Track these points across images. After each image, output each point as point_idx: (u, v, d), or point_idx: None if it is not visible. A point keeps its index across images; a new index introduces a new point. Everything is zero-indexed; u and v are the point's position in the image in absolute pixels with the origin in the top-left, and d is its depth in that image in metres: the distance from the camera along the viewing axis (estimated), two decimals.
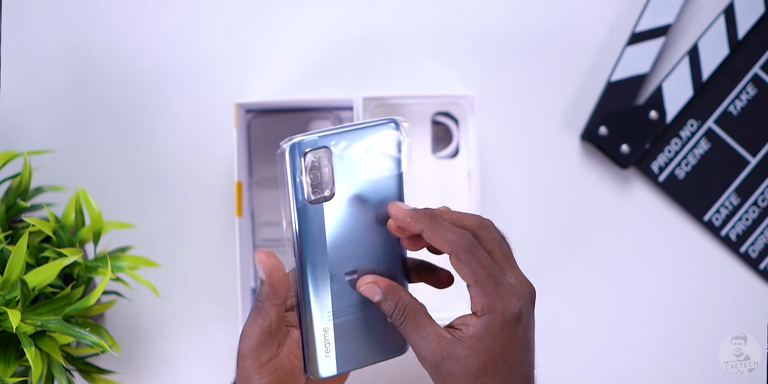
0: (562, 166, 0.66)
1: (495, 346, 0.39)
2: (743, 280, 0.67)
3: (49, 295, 0.52)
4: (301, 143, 0.39)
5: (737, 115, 0.66)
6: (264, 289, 0.40)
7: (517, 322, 0.39)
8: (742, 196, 0.66)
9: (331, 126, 0.63)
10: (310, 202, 0.40)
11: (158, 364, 0.65)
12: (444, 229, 0.39)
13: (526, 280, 0.41)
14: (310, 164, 0.39)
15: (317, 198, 0.40)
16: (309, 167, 0.39)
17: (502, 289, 0.39)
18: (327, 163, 0.39)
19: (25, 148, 0.61)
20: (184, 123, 0.66)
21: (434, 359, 0.40)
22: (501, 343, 0.39)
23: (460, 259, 0.39)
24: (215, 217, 0.65)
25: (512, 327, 0.39)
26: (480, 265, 0.39)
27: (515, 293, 0.39)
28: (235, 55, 0.66)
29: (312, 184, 0.39)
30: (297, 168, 0.39)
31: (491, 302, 0.39)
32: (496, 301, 0.39)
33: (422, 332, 0.40)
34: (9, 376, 0.49)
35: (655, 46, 0.65)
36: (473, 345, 0.39)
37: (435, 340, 0.40)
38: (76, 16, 0.66)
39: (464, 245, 0.39)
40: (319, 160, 0.39)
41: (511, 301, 0.39)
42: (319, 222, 0.40)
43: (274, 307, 0.40)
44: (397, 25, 0.67)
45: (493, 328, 0.39)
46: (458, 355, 0.39)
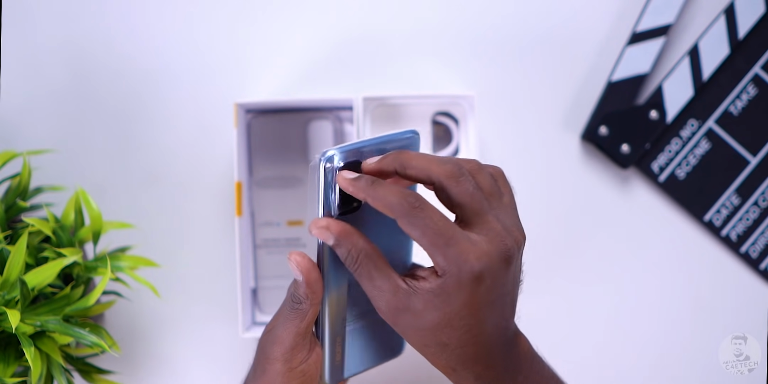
0: (562, 166, 0.66)
1: (451, 304, 0.37)
2: (743, 280, 0.67)
3: (49, 295, 0.52)
4: (339, 156, 0.38)
5: (738, 115, 0.66)
6: (302, 290, 0.39)
7: (477, 283, 0.36)
8: (742, 196, 0.66)
9: (330, 126, 0.63)
10: (339, 214, 0.39)
11: (158, 364, 0.65)
12: (384, 193, 0.37)
13: (503, 236, 0.37)
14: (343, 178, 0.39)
15: (345, 210, 0.39)
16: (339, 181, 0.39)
17: (455, 250, 0.36)
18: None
19: (24, 148, 0.61)
20: (184, 123, 0.66)
21: (390, 311, 0.38)
22: (458, 302, 0.36)
23: (405, 223, 0.36)
24: (215, 217, 0.65)
25: (470, 287, 0.36)
26: (426, 227, 0.36)
27: (475, 252, 0.36)
28: (235, 55, 0.66)
29: (341, 198, 0.39)
30: (329, 183, 0.38)
31: (445, 264, 0.36)
32: (450, 262, 0.36)
33: (377, 282, 0.38)
34: (8, 377, 0.49)
35: (656, 45, 0.65)
36: (429, 299, 0.37)
37: (390, 291, 0.37)
38: (76, 16, 0.66)
39: (406, 209, 0.36)
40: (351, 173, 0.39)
41: (467, 261, 0.36)
42: None
43: (313, 308, 0.40)
44: (397, 25, 0.66)
45: (449, 287, 0.36)
46: (414, 308, 0.37)
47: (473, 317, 0.37)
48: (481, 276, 0.36)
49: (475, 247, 0.36)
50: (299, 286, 0.39)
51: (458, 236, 0.36)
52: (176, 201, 0.65)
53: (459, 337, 0.38)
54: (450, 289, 0.36)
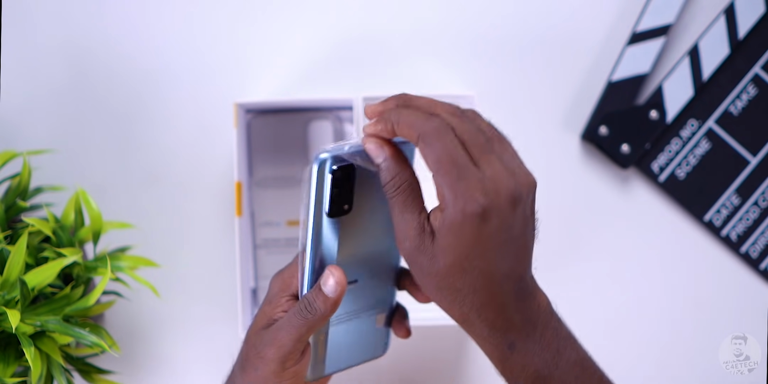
0: (562, 166, 0.66)
1: (459, 244, 0.36)
2: (743, 280, 0.67)
3: (49, 295, 0.52)
4: (331, 160, 0.38)
5: (738, 115, 0.66)
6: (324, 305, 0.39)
7: (483, 221, 0.35)
8: (742, 196, 0.66)
9: (330, 126, 0.63)
10: (329, 215, 0.39)
11: (158, 364, 0.65)
12: (410, 115, 0.36)
13: (505, 176, 0.36)
14: (337, 180, 0.39)
15: (336, 212, 0.39)
16: (333, 183, 0.39)
17: (464, 184, 0.35)
18: (350, 179, 0.39)
19: (24, 148, 0.61)
20: (184, 123, 0.66)
21: (409, 247, 0.37)
22: (465, 241, 0.36)
23: (425, 142, 0.35)
24: (215, 217, 0.65)
25: (476, 225, 0.35)
26: (444, 151, 0.35)
27: (482, 189, 0.35)
28: (235, 55, 0.66)
29: (333, 199, 0.39)
30: (323, 183, 0.39)
31: (450, 196, 0.35)
32: (456, 195, 0.35)
33: (407, 215, 0.37)
34: (8, 377, 0.49)
35: (656, 45, 0.65)
36: (439, 241, 0.36)
37: (417, 228, 0.37)
38: (76, 16, 0.66)
39: (430, 128, 0.35)
40: (343, 176, 0.39)
41: (473, 196, 0.35)
42: (334, 234, 0.40)
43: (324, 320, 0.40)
44: (397, 25, 0.66)
45: (453, 225, 0.35)
46: (431, 251, 0.37)
47: (483, 259, 0.36)
48: (486, 214, 0.35)
49: (482, 183, 0.35)
50: (323, 301, 0.39)
51: (470, 171, 0.35)
52: (176, 201, 0.65)
53: (471, 282, 0.37)
54: (455, 228, 0.35)
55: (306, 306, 0.40)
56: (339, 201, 0.39)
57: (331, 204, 0.39)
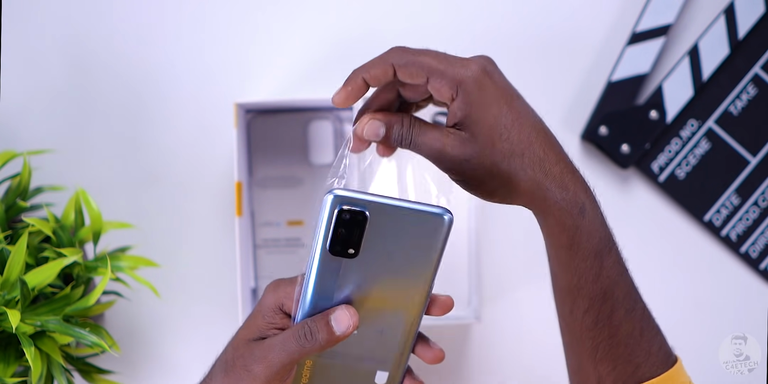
0: None
1: (486, 108, 0.40)
2: (743, 280, 0.67)
3: (49, 295, 0.52)
4: (343, 198, 0.38)
5: (737, 115, 0.66)
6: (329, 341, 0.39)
7: (488, 76, 0.40)
8: (742, 196, 0.66)
9: (330, 126, 0.63)
10: (332, 252, 0.39)
11: (158, 364, 0.65)
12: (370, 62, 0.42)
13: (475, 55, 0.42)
14: (343, 220, 0.38)
15: (338, 252, 0.39)
16: (340, 222, 0.38)
17: (455, 61, 0.40)
18: (359, 226, 0.38)
19: (24, 148, 0.61)
20: (184, 123, 0.66)
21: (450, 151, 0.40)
22: (489, 102, 0.40)
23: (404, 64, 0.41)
24: (215, 217, 0.65)
25: (487, 83, 0.40)
26: (422, 55, 0.41)
27: (468, 59, 0.41)
28: (235, 55, 0.66)
29: (338, 239, 0.38)
30: (330, 218, 0.38)
31: (453, 75, 0.40)
32: (456, 71, 0.40)
33: (430, 135, 0.41)
34: (9, 376, 0.49)
35: (656, 46, 0.65)
36: (469, 121, 0.40)
37: (444, 136, 0.40)
38: (76, 16, 0.66)
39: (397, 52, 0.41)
40: (354, 220, 0.38)
41: (468, 64, 0.40)
42: (333, 273, 0.39)
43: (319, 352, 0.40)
44: (397, 25, 0.67)
45: (472, 95, 0.40)
46: (466, 138, 0.40)
47: (510, 108, 0.41)
48: (485, 69, 0.40)
49: (466, 59, 0.41)
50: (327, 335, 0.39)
51: (450, 56, 0.41)
52: (176, 201, 0.65)
53: (517, 136, 0.40)
54: (473, 95, 0.40)
55: (306, 334, 0.39)
56: (343, 242, 0.38)
57: (333, 243, 0.38)
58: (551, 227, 0.42)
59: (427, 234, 0.38)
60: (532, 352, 0.63)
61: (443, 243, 0.38)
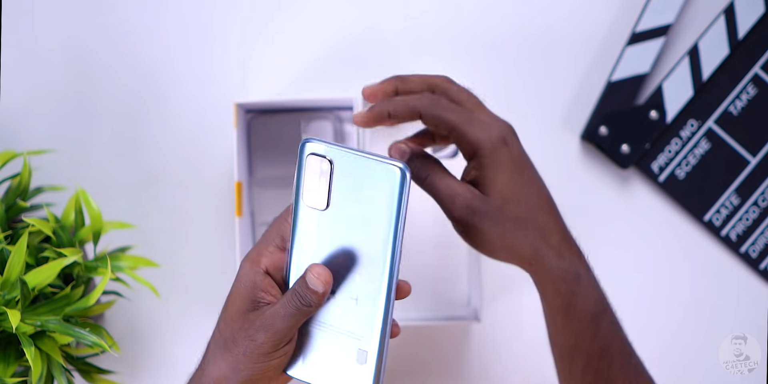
0: (562, 166, 0.66)
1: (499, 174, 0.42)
2: (743, 280, 0.67)
3: (49, 295, 0.52)
4: (312, 146, 0.38)
5: (737, 115, 0.66)
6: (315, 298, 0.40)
7: (506, 146, 0.42)
8: (742, 196, 0.66)
9: (330, 126, 0.63)
10: (307, 204, 0.39)
11: (158, 364, 0.65)
12: (402, 101, 0.43)
13: (500, 119, 0.44)
14: (311, 167, 0.39)
15: (312, 203, 0.39)
16: (309, 170, 0.39)
17: (478, 124, 0.42)
18: (325, 175, 0.39)
19: (24, 148, 0.61)
20: (184, 123, 0.66)
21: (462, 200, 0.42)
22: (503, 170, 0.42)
23: (432, 114, 0.42)
24: (215, 217, 0.65)
25: (503, 152, 0.42)
26: (449, 111, 0.42)
27: (491, 124, 0.42)
28: (235, 55, 0.66)
29: (309, 189, 0.39)
30: (301, 166, 0.39)
31: (474, 137, 0.42)
32: (477, 134, 0.42)
33: (449, 180, 0.43)
34: (9, 376, 0.49)
35: (656, 46, 0.65)
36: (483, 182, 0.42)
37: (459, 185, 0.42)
38: (76, 17, 0.66)
39: (427, 103, 0.42)
40: (320, 168, 0.39)
41: (490, 130, 0.42)
42: (311, 226, 0.40)
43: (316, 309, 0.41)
44: (397, 25, 0.67)
45: (488, 159, 0.42)
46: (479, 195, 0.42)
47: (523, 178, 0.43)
48: (504, 139, 0.42)
49: (490, 122, 0.43)
50: (314, 295, 0.40)
51: (475, 117, 0.43)
52: (176, 201, 0.65)
53: (525, 204, 0.42)
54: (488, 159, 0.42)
55: (298, 297, 0.40)
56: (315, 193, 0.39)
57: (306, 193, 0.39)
58: (548, 292, 0.44)
59: (385, 187, 0.38)
60: (532, 352, 0.63)
61: (399, 198, 0.38)
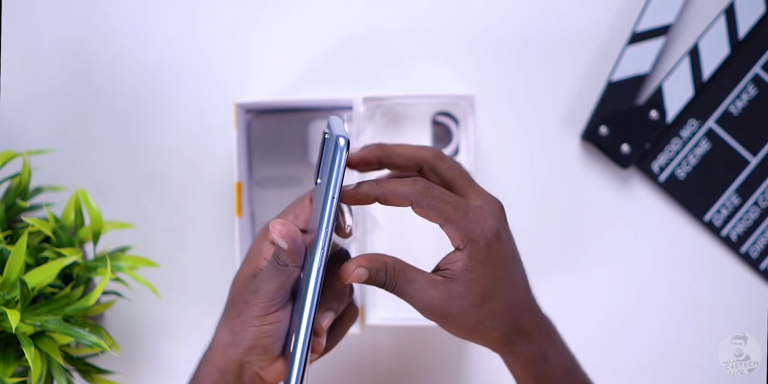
0: (562, 166, 0.66)
1: (487, 270, 0.40)
2: (743, 280, 0.67)
3: (49, 295, 0.52)
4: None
5: (738, 115, 0.66)
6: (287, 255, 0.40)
7: (498, 240, 0.40)
8: (742, 196, 0.66)
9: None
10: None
11: (158, 364, 0.65)
12: (392, 186, 0.40)
13: (492, 197, 0.42)
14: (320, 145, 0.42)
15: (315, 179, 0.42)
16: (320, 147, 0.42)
17: (473, 216, 0.40)
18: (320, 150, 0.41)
19: (24, 147, 0.61)
20: (184, 123, 0.66)
21: (437, 304, 0.40)
22: (492, 265, 0.40)
23: (422, 205, 0.39)
24: (215, 217, 0.65)
25: (496, 246, 0.40)
26: (442, 202, 0.39)
27: (486, 214, 0.40)
28: (235, 55, 0.66)
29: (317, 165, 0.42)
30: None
31: (468, 231, 0.39)
32: (471, 228, 0.39)
33: (416, 284, 0.40)
34: (8, 377, 0.49)
35: (656, 45, 0.65)
36: (467, 277, 0.40)
37: (431, 287, 0.40)
38: (76, 16, 0.66)
39: (419, 192, 0.40)
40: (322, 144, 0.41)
41: (485, 223, 0.40)
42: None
43: (296, 268, 0.41)
44: (397, 25, 0.66)
45: (479, 255, 0.40)
46: (457, 292, 0.40)
47: (509, 275, 0.41)
48: (498, 232, 0.40)
49: (484, 210, 0.40)
50: (284, 253, 0.40)
51: (468, 206, 0.40)
52: (176, 201, 0.65)
53: (504, 298, 0.41)
54: (481, 256, 0.40)
55: (277, 260, 0.41)
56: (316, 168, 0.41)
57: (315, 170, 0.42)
58: (517, 372, 0.45)
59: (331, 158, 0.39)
60: None
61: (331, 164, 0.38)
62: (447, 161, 0.42)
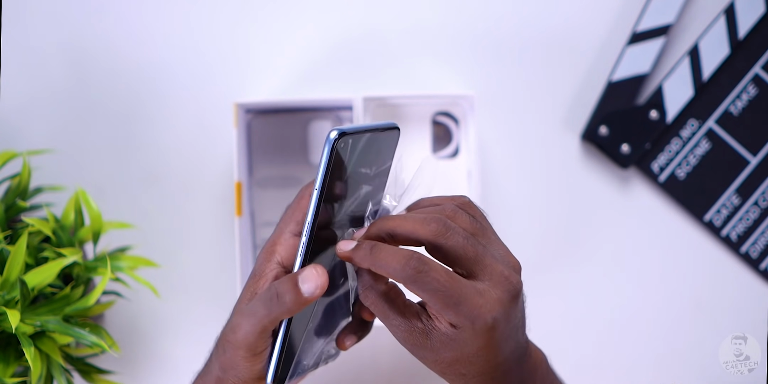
0: (562, 166, 0.66)
1: (466, 348, 0.37)
2: (743, 280, 0.67)
3: (49, 295, 0.52)
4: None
5: (738, 115, 0.66)
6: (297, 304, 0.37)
7: (492, 330, 0.36)
8: (742, 196, 0.66)
9: (330, 126, 0.63)
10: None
11: (158, 364, 0.65)
12: (386, 259, 0.36)
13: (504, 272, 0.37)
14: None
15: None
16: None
17: (466, 307, 0.36)
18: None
19: (24, 148, 0.61)
20: (184, 123, 0.66)
21: (407, 346, 0.39)
22: (475, 347, 0.37)
23: (412, 288, 0.36)
24: (215, 217, 0.65)
25: (486, 335, 0.37)
26: (434, 290, 0.35)
27: (486, 305, 0.36)
28: (235, 55, 0.66)
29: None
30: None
31: (458, 320, 0.36)
32: (463, 318, 0.36)
33: (393, 321, 0.38)
34: (8, 377, 0.49)
35: (656, 45, 0.65)
36: (445, 341, 0.37)
37: (406, 330, 0.38)
38: (75, 17, 0.66)
39: (410, 274, 0.35)
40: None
41: (480, 316, 0.36)
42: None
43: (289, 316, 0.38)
44: (397, 25, 0.66)
45: (465, 338, 0.37)
46: (431, 346, 0.38)
47: (490, 353, 0.38)
48: (495, 324, 0.36)
49: (485, 298, 0.36)
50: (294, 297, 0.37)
51: (467, 292, 0.36)
52: (176, 201, 0.65)
53: (477, 369, 0.38)
54: (467, 339, 0.37)
55: (273, 297, 0.38)
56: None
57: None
58: None
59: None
60: None
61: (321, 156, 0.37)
62: (450, 238, 0.37)
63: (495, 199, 0.65)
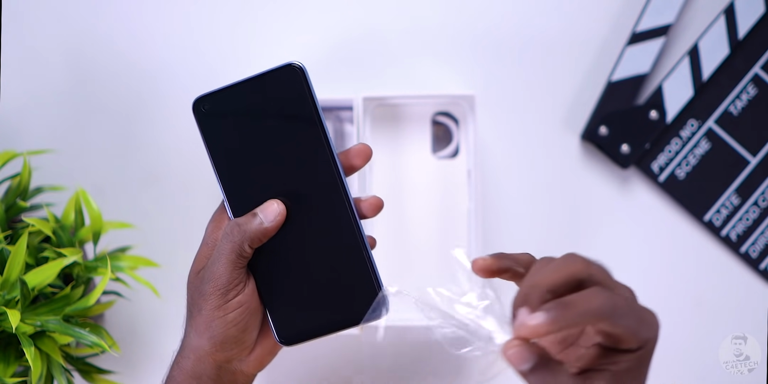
0: (562, 166, 0.66)
1: (640, 374, 0.36)
2: (743, 280, 0.67)
3: (49, 295, 0.52)
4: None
5: (738, 115, 0.66)
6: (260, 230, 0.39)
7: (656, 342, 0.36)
8: (742, 196, 0.66)
9: (330, 126, 0.63)
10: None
11: (158, 364, 0.64)
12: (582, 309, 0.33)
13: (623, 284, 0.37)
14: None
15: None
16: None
17: (649, 318, 0.35)
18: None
19: (24, 148, 0.61)
20: (184, 123, 0.66)
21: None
22: (646, 366, 0.36)
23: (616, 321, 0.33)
24: None
25: (655, 348, 0.36)
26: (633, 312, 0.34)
27: (646, 308, 0.35)
28: (235, 55, 0.66)
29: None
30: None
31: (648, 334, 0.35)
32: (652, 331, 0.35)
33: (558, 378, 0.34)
34: (9, 376, 0.49)
35: (656, 45, 0.65)
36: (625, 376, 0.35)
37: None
38: (75, 17, 0.66)
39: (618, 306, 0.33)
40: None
41: (653, 320, 0.35)
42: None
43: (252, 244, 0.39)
44: (397, 25, 0.67)
45: (647, 355, 0.35)
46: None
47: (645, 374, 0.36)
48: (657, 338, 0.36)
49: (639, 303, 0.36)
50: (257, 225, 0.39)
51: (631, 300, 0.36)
52: (176, 201, 0.65)
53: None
54: (647, 357, 0.36)
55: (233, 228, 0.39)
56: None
57: None
58: None
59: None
60: None
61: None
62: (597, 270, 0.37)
63: (495, 199, 0.65)
